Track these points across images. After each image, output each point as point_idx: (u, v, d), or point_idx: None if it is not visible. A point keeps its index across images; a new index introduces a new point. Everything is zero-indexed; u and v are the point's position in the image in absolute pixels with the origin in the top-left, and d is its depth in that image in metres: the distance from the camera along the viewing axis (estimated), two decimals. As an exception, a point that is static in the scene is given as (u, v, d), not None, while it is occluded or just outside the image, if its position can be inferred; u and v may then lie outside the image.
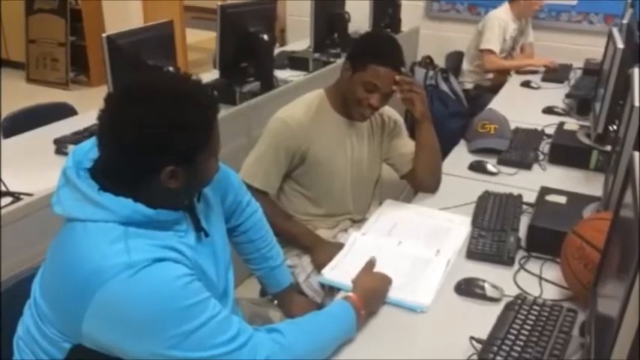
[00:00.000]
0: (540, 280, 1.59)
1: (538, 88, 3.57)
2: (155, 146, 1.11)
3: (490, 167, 2.30)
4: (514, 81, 3.73)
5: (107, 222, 1.10)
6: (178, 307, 1.07)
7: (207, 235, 1.30)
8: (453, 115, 3.53)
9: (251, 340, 1.15)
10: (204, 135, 1.17)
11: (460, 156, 2.43)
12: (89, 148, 1.20)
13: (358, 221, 2.12)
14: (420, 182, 2.08)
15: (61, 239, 1.15)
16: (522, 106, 3.14)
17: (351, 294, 1.42)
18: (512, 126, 2.63)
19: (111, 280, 1.04)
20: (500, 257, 1.67)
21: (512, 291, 1.52)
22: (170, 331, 1.07)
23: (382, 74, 1.86)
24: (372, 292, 1.47)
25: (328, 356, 1.30)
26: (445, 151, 2.29)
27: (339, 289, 1.59)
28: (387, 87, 1.89)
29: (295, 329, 1.26)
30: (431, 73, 3.82)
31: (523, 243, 1.75)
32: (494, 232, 1.78)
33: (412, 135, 2.18)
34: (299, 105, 2.00)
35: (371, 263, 1.58)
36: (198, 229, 1.28)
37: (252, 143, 2.04)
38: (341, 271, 1.63)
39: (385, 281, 1.52)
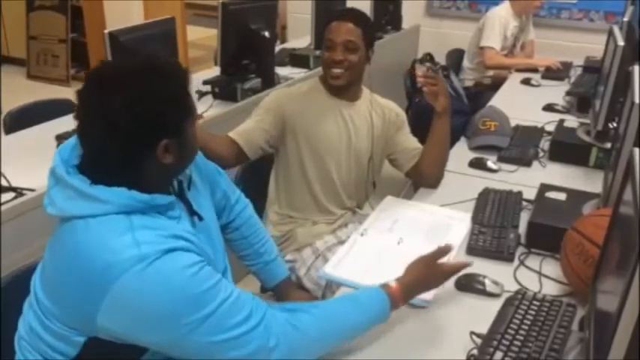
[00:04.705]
0: (540, 276, 1.60)
1: (538, 85, 3.57)
2: (147, 125, 1.12)
3: (490, 164, 2.31)
4: (514, 78, 3.73)
5: (107, 215, 1.10)
6: (192, 295, 1.08)
7: (200, 218, 1.31)
8: (454, 112, 3.51)
9: (264, 320, 1.16)
10: (186, 102, 1.19)
11: (460, 153, 2.44)
12: (74, 145, 1.19)
13: (358, 214, 2.14)
14: (425, 176, 2.10)
15: (62, 239, 1.14)
16: (523, 104, 3.15)
17: (393, 284, 1.34)
18: (513, 123, 2.63)
19: (124, 274, 1.05)
20: (501, 253, 1.68)
21: (512, 287, 1.53)
22: (186, 318, 1.08)
23: (332, 27, 1.99)
24: (418, 287, 1.38)
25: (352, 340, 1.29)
26: (446, 148, 2.30)
27: (339, 284, 1.59)
28: (341, 36, 1.97)
29: (314, 312, 1.24)
30: (431, 70, 3.82)
31: (523, 239, 1.75)
32: (494, 228, 1.78)
33: (413, 131, 2.19)
34: (293, 85, 2.14)
35: (442, 251, 1.41)
36: (192, 213, 1.29)
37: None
38: (343, 268, 1.64)
39: (437, 280, 1.42)
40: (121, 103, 1.10)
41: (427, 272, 1.39)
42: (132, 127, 1.11)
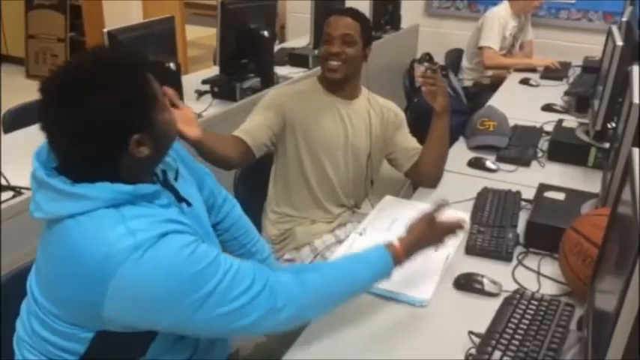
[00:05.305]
0: (538, 276, 1.61)
1: (537, 85, 3.57)
2: (113, 127, 1.10)
3: (489, 164, 2.31)
4: (513, 78, 3.74)
5: (96, 210, 1.10)
6: (192, 274, 1.10)
7: (189, 204, 1.31)
8: (453, 112, 3.51)
9: (268, 284, 1.18)
10: (147, 92, 1.16)
11: (459, 153, 2.44)
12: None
13: (357, 213, 2.14)
14: (424, 176, 2.11)
15: (55, 240, 1.13)
16: (521, 104, 3.15)
17: (396, 243, 1.38)
18: (511, 123, 2.64)
19: (122, 264, 1.06)
20: (499, 253, 1.68)
21: (510, 286, 1.53)
22: (190, 297, 1.09)
23: (331, 21, 2.03)
24: (419, 244, 1.42)
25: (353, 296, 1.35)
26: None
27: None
28: (339, 30, 2.00)
29: (320, 270, 1.30)
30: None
31: (521, 239, 1.76)
32: (493, 228, 1.79)
33: (412, 131, 2.20)
34: (292, 84, 2.17)
35: (440, 207, 1.45)
36: (179, 200, 1.29)
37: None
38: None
39: (436, 237, 1.46)
40: (80, 111, 1.08)
41: (428, 229, 1.43)
42: (97, 132, 1.10)
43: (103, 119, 1.09)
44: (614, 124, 2.15)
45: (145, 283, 1.07)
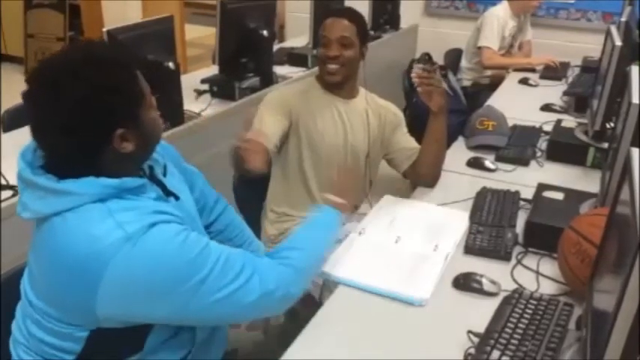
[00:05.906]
0: (537, 275, 1.61)
1: (536, 85, 3.58)
2: (97, 120, 1.11)
3: (488, 164, 2.31)
4: (512, 78, 3.74)
5: (83, 205, 1.10)
6: (185, 262, 1.10)
7: (177, 198, 1.31)
8: (451, 111, 3.52)
9: (257, 269, 1.21)
10: (134, 89, 1.16)
11: (458, 152, 2.44)
12: (36, 147, 1.17)
13: (356, 213, 2.14)
14: (422, 176, 2.11)
15: (43, 239, 1.13)
16: (520, 104, 3.15)
17: (339, 200, 1.57)
18: (510, 123, 2.64)
19: (113, 258, 1.05)
20: (498, 252, 1.68)
21: (509, 286, 1.53)
22: (183, 286, 1.10)
23: (327, 24, 2.03)
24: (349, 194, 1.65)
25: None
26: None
27: (337, 283, 1.60)
28: (334, 33, 2.00)
29: (296, 245, 1.36)
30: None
31: (520, 238, 1.76)
32: (491, 227, 1.79)
33: (410, 131, 2.20)
34: (289, 85, 2.18)
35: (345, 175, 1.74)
36: (167, 194, 1.29)
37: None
38: (341, 267, 1.64)
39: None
40: (66, 104, 1.08)
41: (348, 181, 1.70)
42: (82, 124, 1.10)
43: (87, 112, 1.09)
44: (612, 124, 2.15)
45: (139, 273, 1.07)
